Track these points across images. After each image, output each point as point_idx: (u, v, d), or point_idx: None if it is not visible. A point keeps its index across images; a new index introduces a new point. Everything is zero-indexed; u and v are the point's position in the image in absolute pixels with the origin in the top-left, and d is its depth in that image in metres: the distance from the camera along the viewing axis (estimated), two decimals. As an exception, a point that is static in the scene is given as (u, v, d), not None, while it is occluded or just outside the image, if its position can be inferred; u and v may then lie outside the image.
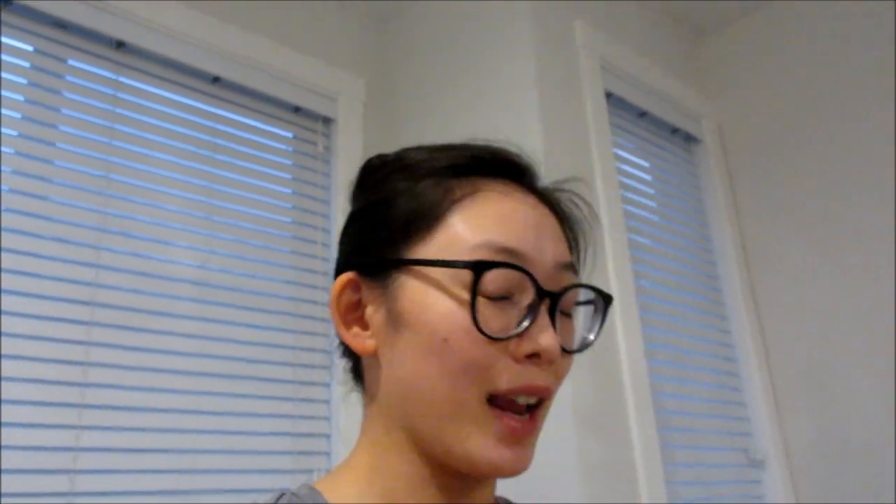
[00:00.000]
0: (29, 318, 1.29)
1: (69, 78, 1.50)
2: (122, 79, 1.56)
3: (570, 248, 0.60)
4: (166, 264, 1.49)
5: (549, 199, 0.59)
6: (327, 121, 1.90)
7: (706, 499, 1.73)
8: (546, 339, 0.51)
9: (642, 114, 2.06)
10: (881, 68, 1.95)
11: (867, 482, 1.79)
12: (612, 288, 1.60)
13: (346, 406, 1.49)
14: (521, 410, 0.52)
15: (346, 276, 0.56)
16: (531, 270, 0.52)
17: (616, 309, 1.58)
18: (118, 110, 1.53)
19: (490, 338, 0.50)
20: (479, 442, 0.51)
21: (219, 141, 1.67)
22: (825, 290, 1.96)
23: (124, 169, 1.50)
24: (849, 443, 1.84)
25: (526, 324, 0.51)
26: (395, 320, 0.54)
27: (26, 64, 1.44)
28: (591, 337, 0.58)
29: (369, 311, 0.56)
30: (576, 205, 0.61)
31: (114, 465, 1.29)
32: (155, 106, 1.60)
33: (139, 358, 1.38)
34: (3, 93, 1.38)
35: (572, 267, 0.57)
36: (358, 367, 0.60)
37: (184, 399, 1.41)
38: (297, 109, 1.85)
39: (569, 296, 0.55)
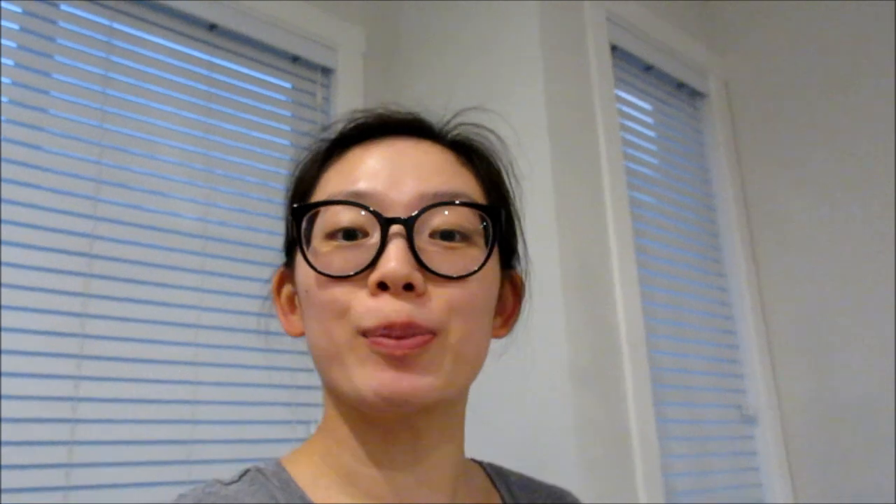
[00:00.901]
0: (27, 269, 1.29)
1: (62, 24, 1.46)
2: (116, 25, 1.53)
3: (484, 182, 0.59)
4: (165, 216, 1.48)
5: (448, 143, 0.60)
6: (326, 71, 1.86)
7: (698, 454, 1.75)
8: (388, 264, 0.49)
9: (648, 68, 2.02)
10: (890, 26, 1.91)
11: (859, 439, 1.81)
12: (612, 247, 1.59)
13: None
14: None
15: (278, 271, 0.61)
16: (382, 207, 0.51)
17: (615, 267, 1.58)
18: (113, 58, 1.50)
19: (330, 276, 0.51)
20: (359, 373, 0.50)
21: (216, 91, 1.65)
22: (825, 248, 1.96)
23: (120, 119, 1.48)
24: (842, 400, 1.86)
25: (373, 256, 0.50)
26: (298, 293, 0.56)
27: (17, 9, 1.41)
28: (477, 262, 0.53)
29: (296, 297, 0.58)
30: (483, 137, 0.62)
31: (113, 415, 1.31)
32: (150, 54, 1.56)
33: (138, 310, 1.38)
34: (-5, 39, 1.35)
35: (448, 201, 0.53)
36: None
37: (183, 350, 1.42)
38: (295, 59, 1.81)
39: (438, 220, 0.52)
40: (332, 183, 0.55)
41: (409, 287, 0.49)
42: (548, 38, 1.64)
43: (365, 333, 0.50)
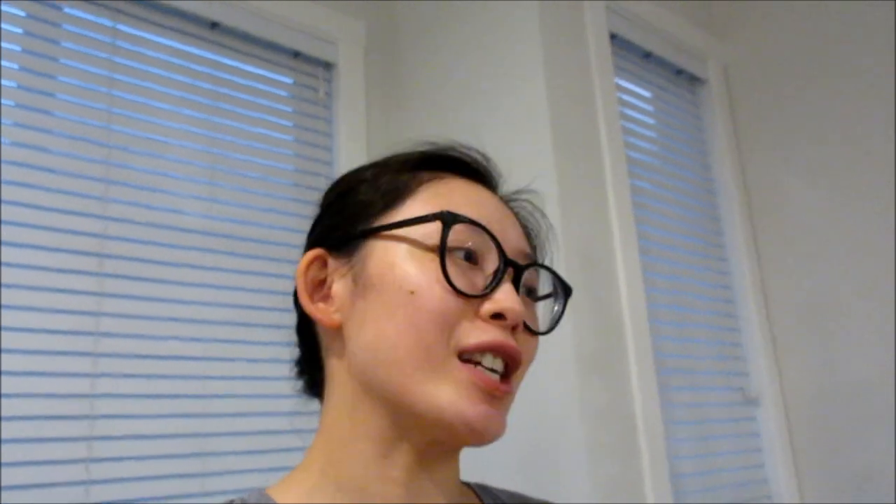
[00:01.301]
0: (39, 269, 1.31)
1: (65, 26, 1.48)
2: (119, 26, 1.54)
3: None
4: (172, 214, 1.50)
5: (493, 188, 0.61)
6: (328, 66, 1.88)
7: (702, 437, 1.78)
8: (509, 301, 0.51)
9: (647, 55, 2.03)
10: (890, 12, 1.91)
11: (861, 420, 1.84)
12: (614, 234, 1.61)
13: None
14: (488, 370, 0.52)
15: (313, 252, 0.57)
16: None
17: (617, 254, 1.60)
18: (117, 59, 1.52)
19: (458, 291, 0.50)
20: (451, 395, 0.50)
21: (219, 89, 1.67)
22: (825, 230, 1.97)
23: (125, 119, 1.50)
24: (844, 381, 1.89)
25: (492, 285, 0.52)
26: (362, 286, 0.54)
27: (21, 13, 1.43)
28: (548, 325, 0.58)
29: (336, 286, 0.56)
30: (532, 215, 0.63)
31: (130, 411, 1.34)
32: (153, 54, 1.58)
33: (149, 307, 1.41)
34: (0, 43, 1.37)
35: (534, 261, 0.58)
36: (313, 372, 0.60)
37: (194, 346, 1.44)
38: (296, 55, 1.83)
39: (531, 276, 0.57)
40: (441, 201, 0.55)
41: (514, 327, 0.52)
42: (547, 29, 1.66)
43: (462, 353, 0.51)
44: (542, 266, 0.58)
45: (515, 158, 1.74)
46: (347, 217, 0.57)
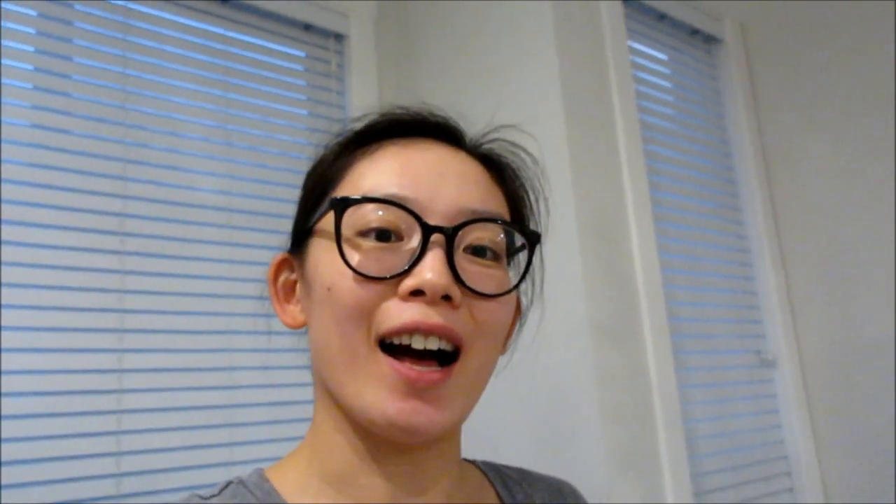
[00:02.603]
0: (63, 249, 1.34)
1: (79, 7, 1.49)
2: (131, 5, 1.55)
3: (511, 201, 0.58)
4: (190, 192, 1.53)
5: (480, 155, 0.58)
6: (339, 38, 1.87)
7: (718, 400, 1.80)
8: (427, 273, 0.48)
9: (661, 16, 2.01)
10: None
11: (879, 380, 1.84)
12: (627, 200, 1.61)
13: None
14: (421, 357, 0.49)
15: (278, 256, 0.58)
16: (422, 214, 0.50)
17: (631, 220, 1.60)
18: (130, 38, 1.53)
19: (365, 276, 0.48)
20: (374, 393, 0.48)
21: (232, 64, 1.67)
22: (843, 191, 1.95)
23: (141, 98, 1.52)
24: (861, 341, 1.89)
25: (411, 262, 0.49)
26: (307, 285, 0.54)
27: (35, -4, 1.44)
28: (513, 281, 0.54)
29: (298, 287, 0.57)
30: (514, 154, 0.60)
31: (157, 384, 1.38)
32: (166, 31, 1.59)
33: (171, 283, 1.44)
34: (15, 26, 1.38)
35: (492, 218, 0.53)
36: None
37: (217, 321, 1.48)
38: (307, 27, 1.83)
39: (480, 234, 0.52)
40: (369, 178, 0.52)
41: (446, 298, 0.48)
42: (557, -6, 1.64)
43: (385, 342, 0.49)
44: (484, 220, 0.52)
45: (527, 125, 1.74)
46: (297, 215, 0.58)
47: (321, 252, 0.52)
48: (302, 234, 0.56)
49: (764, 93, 2.16)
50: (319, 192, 0.56)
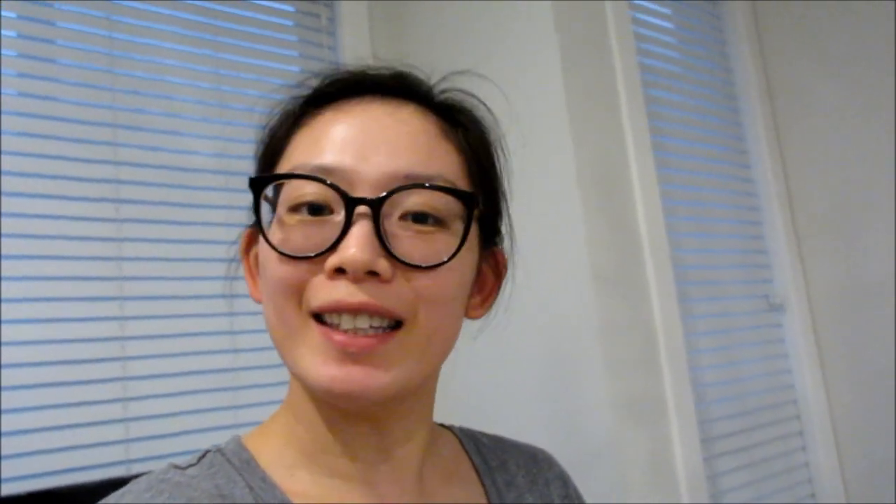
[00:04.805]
0: (58, 219, 1.33)
1: (59, -31, 1.45)
2: (113, -35, 1.51)
3: (470, 155, 0.54)
4: (184, 155, 1.50)
5: (435, 108, 0.54)
6: (329, -9, 1.82)
7: (726, 346, 1.79)
8: (348, 250, 0.46)
9: (661, -45, 1.94)
10: None
11: (887, 322, 1.82)
12: (628, 147, 1.58)
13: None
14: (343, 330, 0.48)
15: (246, 231, 0.58)
16: (349, 184, 0.48)
17: (633, 170, 1.57)
18: (115, 0, 1.50)
19: (288, 256, 0.48)
20: (308, 360, 0.48)
21: (220, 23, 1.63)
22: (851, 131, 1.91)
23: (128, 61, 1.49)
24: (870, 282, 1.86)
25: (335, 238, 0.47)
26: (259, 263, 0.54)
27: (13, -42, 1.40)
28: (450, 249, 0.49)
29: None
30: (472, 105, 0.57)
31: (159, 350, 1.38)
32: (150, -9, 1.55)
33: (169, 249, 1.43)
34: (-5, -8, 1.35)
35: (419, 184, 0.49)
36: None
37: (214, 285, 1.47)
38: (296, -19, 1.78)
39: (412, 201, 0.49)
40: (300, 151, 0.52)
41: (372, 273, 0.47)
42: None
43: (317, 317, 0.48)
44: (413, 186, 0.49)
45: (522, 73, 1.70)
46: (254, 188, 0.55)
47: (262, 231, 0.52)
48: (255, 206, 0.53)
49: (769, 33, 2.10)
50: (264, 167, 0.56)
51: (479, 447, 0.64)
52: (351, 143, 0.50)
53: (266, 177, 0.52)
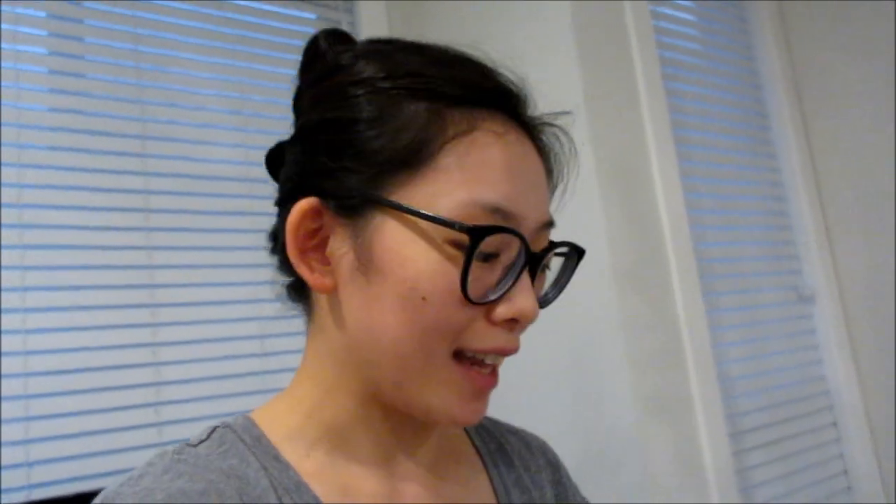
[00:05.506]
0: (89, 230, 1.37)
1: (85, -12, 1.49)
2: (137, -20, 1.55)
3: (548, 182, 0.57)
4: (211, 164, 1.54)
5: (533, 131, 0.54)
6: (349, -4, 1.85)
7: (753, 339, 1.77)
8: (526, 303, 0.49)
9: (680, -55, 1.92)
10: None
11: (921, 309, 1.79)
12: (648, 141, 1.57)
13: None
14: (484, 366, 0.51)
15: (309, 202, 0.50)
16: (520, 230, 0.49)
17: (653, 164, 1.56)
18: (139, 14, 1.53)
19: (473, 303, 0.48)
20: (443, 397, 0.50)
21: (242, 32, 1.67)
22: (880, 121, 1.87)
23: (155, 74, 1.52)
24: (904, 272, 1.83)
25: (507, 285, 0.49)
26: (366, 265, 0.49)
27: (41, -21, 1.44)
28: (553, 293, 0.55)
29: (332, 244, 0.51)
30: (558, 139, 0.56)
31: (192, 356, 1.42)
32: (175, 4, 1.59)
33: (198, 256, 1.47)
34: (26, 10, 1.40)
35: (552, 224, 0.53)
36: (301, 286, 0.56)
37: (245, 290, 1.50)
38: (316, -13, 1.80)
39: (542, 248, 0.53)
40: (466, 178, 0.48)
41: None
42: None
43: (461, 352, 0.49)
44: (561, 244, 0.53)
45: (541, 76, 1.70)
46: (354, 166, 0.49)
47: (412, 248, 0.48)
48: (364, 199, 0.49)
49: (794, 20, 2.07)
50: (402, 155, 0.48)
51: (478, 429, 0.65)
52: (520, 181, 0.50)
53: (495, 228, 0.47)
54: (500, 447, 0.65)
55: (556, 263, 0.57)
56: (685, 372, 1.48)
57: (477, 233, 0.46)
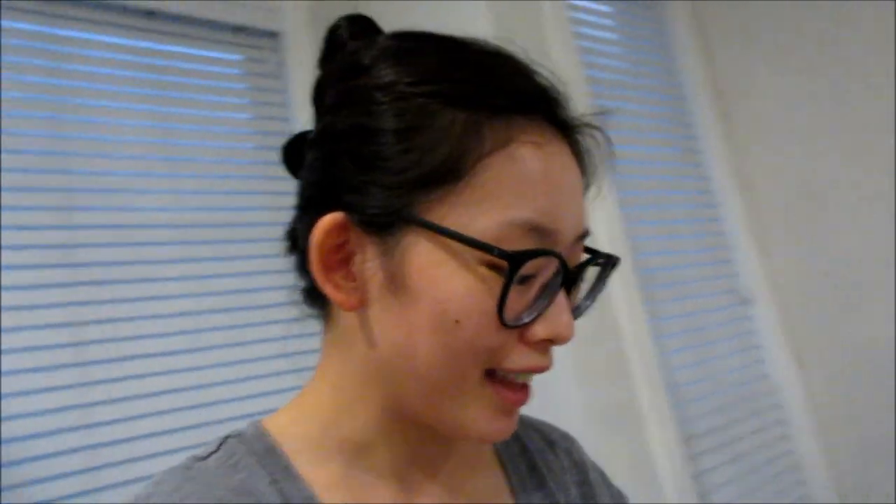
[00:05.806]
0: (15, 289, 1.32)
1: (3, 40, 1.46)
2: (55, 30, 1.52)
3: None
4: (138, 213, 1.51)
5: (570, 133, 0.52)
6: (274, 35, 1.84)
7: (697, 344, 1.80)
8: (562, 324, 0.48)
9: (596, -34, 1.98)
10: None
11: (855, 301, 1.84)
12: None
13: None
14: (516, 383, 0.50)
15: (335, 218, 0.47)
16: (557, 248, 0.47)
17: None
18: (56, 64, 1.50)
19: (508, 326, 0.46)
20: (474, 414, 0.49)
21: (167, 77, 1.65)
22: (804, 120, 1.95)
23: (76, 124, 1.49)
24: (836, 262, 1.89)
25: (543, 306, 0.47)
26: (396, 284, 0.47)
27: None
28: (586, 304, 0.53)
29: (358, 260, 0.48)
30: (593, 137, 0.53)
31: (126, 413, 1.37)
32: (94, 53, 1.56)
33: (130, 309, 1.43)
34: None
35: (588, 234, 0.52)
36: (318, 291, 0.51)
37: (181, 339, 1.47)
38: (240, 29, 1.79)
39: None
40: (504, 196, 0.46)
41: None
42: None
43: (494, 371, 0.48)
44: (595, 259, 0.52)
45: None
46: (384, 180, 0.46)
47: (445, 269, 0.46)
48: (393, 216, 0.46)
49: (712, 29, 2.14)
50: (437, 170, 0.45)
51: None
52: (557, 198, 0.48)
53: (534, 252, 0.45)
54: (523, 450, 0.63)
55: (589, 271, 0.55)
56: (632, 383, 1.50)
57: (516, 259, 0.44)
